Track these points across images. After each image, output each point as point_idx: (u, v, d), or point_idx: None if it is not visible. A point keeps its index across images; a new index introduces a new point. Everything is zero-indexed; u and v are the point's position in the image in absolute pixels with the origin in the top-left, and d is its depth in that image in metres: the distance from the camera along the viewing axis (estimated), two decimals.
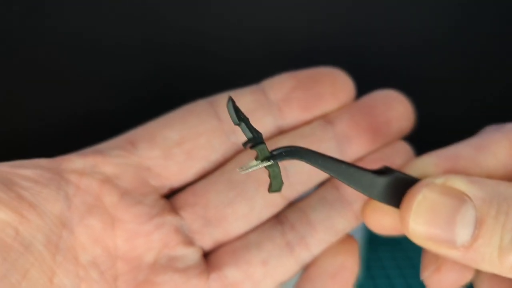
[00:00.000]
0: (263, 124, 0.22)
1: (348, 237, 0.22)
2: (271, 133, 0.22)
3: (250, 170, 0.17)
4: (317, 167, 0.18)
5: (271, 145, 0.22)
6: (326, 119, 0.23)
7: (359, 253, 0.22)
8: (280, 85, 0.22)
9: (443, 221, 0.17)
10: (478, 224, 0.17)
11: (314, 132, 0.22)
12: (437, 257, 0.20)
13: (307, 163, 0.18)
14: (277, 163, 0.17)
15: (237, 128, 0.22)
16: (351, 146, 0.22)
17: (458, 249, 0.17)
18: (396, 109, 0.22)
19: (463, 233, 0.17)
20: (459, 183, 0.17)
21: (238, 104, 0.22)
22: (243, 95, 0.22)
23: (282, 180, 0.18)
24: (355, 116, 0.22)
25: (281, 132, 0.23)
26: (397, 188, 0.19)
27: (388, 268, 0.38)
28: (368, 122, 0.22)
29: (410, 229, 0.17)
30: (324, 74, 0.23)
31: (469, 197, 0.17)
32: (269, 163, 0.17)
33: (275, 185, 0.18)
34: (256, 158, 0.17)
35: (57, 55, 0.27)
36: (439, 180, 0.18)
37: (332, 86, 0.22)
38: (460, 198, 0.17)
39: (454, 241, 0.17)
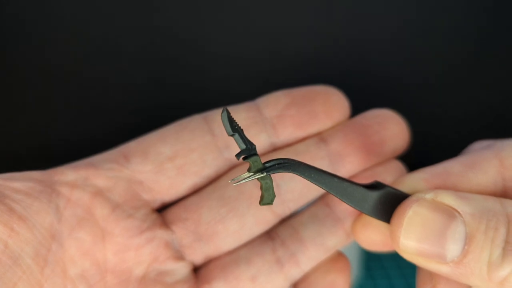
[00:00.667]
0: (257, 141, 0.22)
1: (340, 254, 0.22)
2: (265, 150, 0.22)
3: (242, 181, 0.17)
4: (310, 181, 0.18)
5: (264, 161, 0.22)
6: (320, 137, 0.23)
7: (350, 271, 0.22)
8: (274, 103, 0.22)
9: (434, 236, 0.17)
10: (468, 239, 0.17)
11: (307, 150, 0.22)
12: (432, 275, 0.20)
13: (300, 176, 0.18)
14: (270, 175, 0.17)
15: (231, 143, 0.22)
16: (344, 165, 0.22)
17: (448, 264, 0.17)
18: (390, 128, 0.22)
19: (453, 248, 0.17)
20: (448, 199, 0.17)
21: None
22: (238, 111, 0.22)
23: (274, 193, 0.18)
24: (349, 135, 0.22)
25: (275, 149, 0.23)
26: (388, 203, 0.19)
27: (388, 268, 0.38)
28: (362, 141, 0.22)
29: (400, 244, 0.18)
30: (318, 93, 0.23)
31: (459, 213, 0.17)
32: (261, 175, 0.17)
33: (267, 198, 0.18)
34: (249, 170, 0.17)
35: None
36: (429, 196, 0.18)
37: (326, 104, 0.22)
38: (450, 213, 0.17)
39: (445, 256, 0.17)
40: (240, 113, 0.22)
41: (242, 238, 0.22)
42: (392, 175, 0.22)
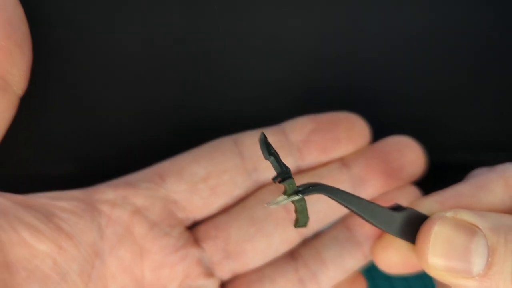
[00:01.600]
0: (285, 163, 0.23)
1: (358, 275, 0.24)
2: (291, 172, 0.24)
3: (279, 204, 0.18)
4: (340, 202, 0.19)
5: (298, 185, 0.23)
6: (342, 162, 0.24)
7: None
8: (300, 128, 0.24)
9: (459, 252, 0.18)
10: (491, 252, 0.18)
11: (330, 174, 0.24)
12: None
13: (332, 198, 0.18)
14: (304, 198, 0.18)
15: (258, 166, 0.23)
16: (365, 188, 0.24)
17: (474, 278, 0.18)
18: (408, 155, 0.24)
19: (478, 262, 0.18)
20: (467, 216, 0.19)
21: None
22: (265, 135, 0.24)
23: (308, 215, 0.18)
24: (370, 161, 0.24)
25: (300, 171, 0.24)
26: (412, 224, 0.20)
27: None
28: (383, 167, 0.24)
29: (429, 262, 0.18)
30: (342, 119, 0.24)
31: (479, 228, 0.18)
32: (297, 197, 0.18)
33: (301, 220, 0.18)
34: (284, 193, 0.18)
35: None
36: (449, 214, 0.19)
37: (349, 130, 0.24)
38: (471, 229, 0.18)
39: (471, 270, 0.18)
40: (268, 136, 0.24)
41: (267, 256, 0.23)
42: (408, 198, 0.24)
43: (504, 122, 0.27)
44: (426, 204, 0.21)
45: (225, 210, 0.23)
